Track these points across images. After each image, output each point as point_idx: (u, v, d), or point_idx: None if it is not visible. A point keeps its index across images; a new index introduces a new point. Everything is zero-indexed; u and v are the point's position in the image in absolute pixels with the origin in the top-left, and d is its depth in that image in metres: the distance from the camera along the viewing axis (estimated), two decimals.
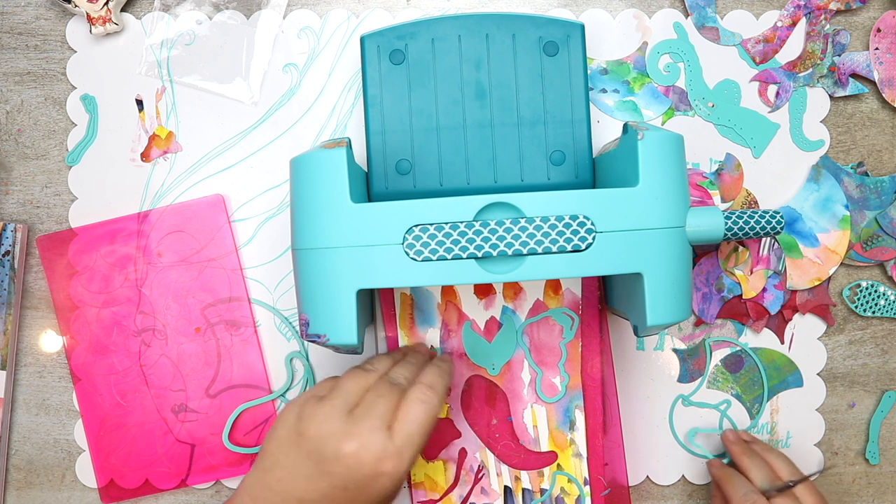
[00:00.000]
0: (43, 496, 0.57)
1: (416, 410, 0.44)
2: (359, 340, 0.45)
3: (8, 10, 0.57)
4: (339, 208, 0.44)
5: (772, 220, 0.49)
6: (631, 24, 0.56)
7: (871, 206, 0.57)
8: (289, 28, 0.56)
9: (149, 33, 0.56)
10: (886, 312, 0.57)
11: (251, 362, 0.56)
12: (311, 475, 0.43)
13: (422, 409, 0.44)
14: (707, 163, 0.56)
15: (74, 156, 0.57)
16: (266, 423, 0.56)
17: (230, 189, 0.56)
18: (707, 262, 0.56)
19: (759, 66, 0.56)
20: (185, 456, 0.56)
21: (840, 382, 0.58)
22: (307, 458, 0.43)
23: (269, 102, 0.56)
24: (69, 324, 0.56)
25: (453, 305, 0.54)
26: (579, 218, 0.43)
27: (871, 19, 0.57)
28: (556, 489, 0.54)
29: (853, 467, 0.58)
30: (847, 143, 0.57)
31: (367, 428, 0.43)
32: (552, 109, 0.52)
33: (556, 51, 0.52)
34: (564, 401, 0.54)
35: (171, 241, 0.56)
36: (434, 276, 0.43)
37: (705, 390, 0.57)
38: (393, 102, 0.52)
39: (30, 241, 0.57)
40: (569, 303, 0.54)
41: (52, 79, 0.57)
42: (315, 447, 0.43)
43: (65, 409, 0.57)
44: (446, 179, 0.52)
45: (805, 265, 0.56)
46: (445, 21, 0.52)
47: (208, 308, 0.56)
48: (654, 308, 0.44)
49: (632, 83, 0.56)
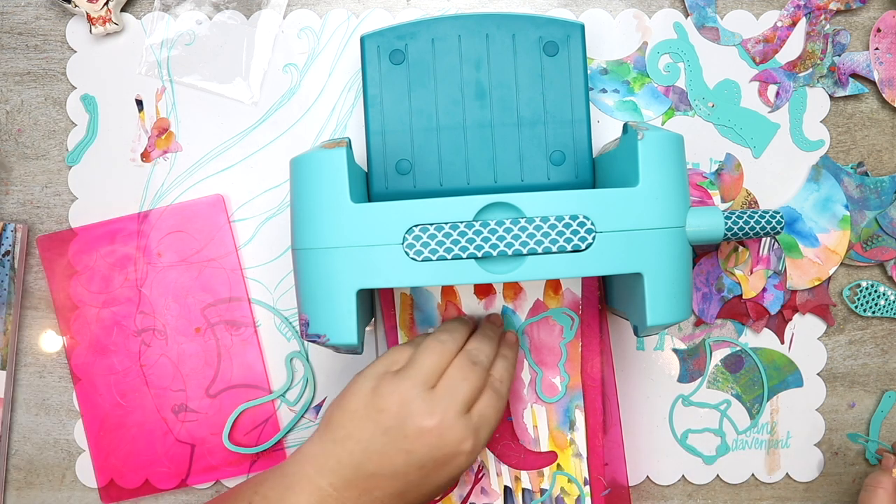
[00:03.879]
0: (43, 496, 0.57)
1: (493, 398, 0.45)
2: (359, 340, 0.45)
3: (8, 10, 0.57)
4: (338, 208, 0.44)
5: (772, 220, 0.49)
6: (631, 24, 0.56)
7: (871, 206, 0.57)
8: (289, 28, 0.56)
9: (149, 33, 0.56)
10: (886, 312, 0.57)
11: (251, 362, 0.56)
12: (386, 451, 0.43)
13: (497, 397, 0.46)
14: (707, 163, 0.56)
15: (74, 156, 0.57)
16: (266, 423, 0.56)
17: (230, 189, 0.57)
18: (707, 262, 0.56)
19: (759, 66, 0.56)
20: (185, 456, 0.56)
21: (840, 382, 0.58)
22: (384, 434, 0.43)
23: (269, 102, 0.56)
24: (69, 324, 0.56)
25: (453, 305, 0.54)
26: (579, 218, 0.43)
27: (871, 19, 0.57)
28: (556, 489, 0.54)
29: (853, 467, 0.58)
30: (847, 143, 0.57)
31: (450, 408, 0.43)
32: (552, 109, 0.52)
33: (556, 51, 0.52)
34: (564, 401, 0.54)
35: (171, 241, 0.56)
36: (434, 276, 0.43)
37: (705, 390, 0.57)
38: (393, 102, 0.52)
39: (30, 241, 0.57)
40: (569, 303, 0.54)
41: (52, 79, 0.57)
42: (395, 423, 0.43)
43: (65, 409, 0.57)
44: (446, 179, 0.52)
45: (805, 265, 0.56)
46: (445, 21, 0.52)
47: (208, 308, 0.56)
48: (654, 308, 0.44)
49: (632, 83, 0.56)
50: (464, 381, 0.44)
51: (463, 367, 0.45)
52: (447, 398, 0.43)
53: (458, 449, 0.43)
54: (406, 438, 0.43)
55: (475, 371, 0.45)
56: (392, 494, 0.44)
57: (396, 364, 0.46)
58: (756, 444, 0.57)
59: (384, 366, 0.46)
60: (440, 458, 0.43)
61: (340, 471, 0.44)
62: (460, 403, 0.43)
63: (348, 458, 0.44)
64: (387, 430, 0.43)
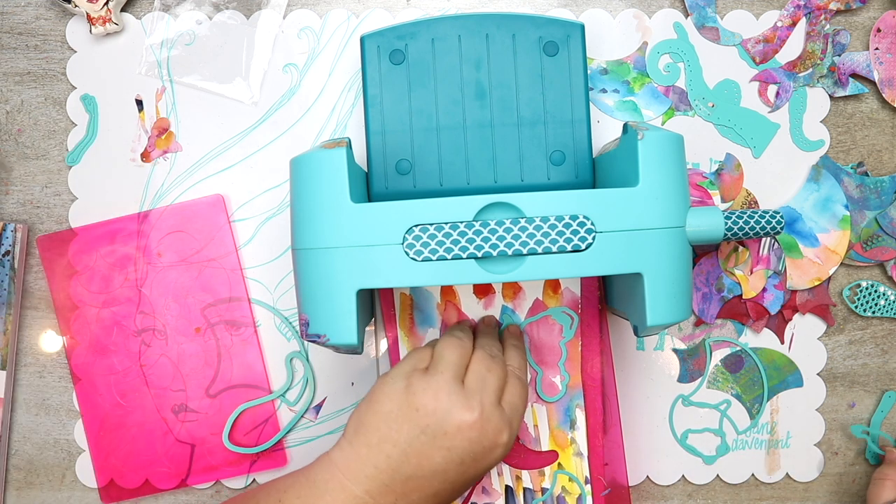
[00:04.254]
0: (43, 496, 0.57)
1: (518, 385, 0.46)
2: (359, 340, 0.45)
3: (8, 10, 0.57)
4: (338, 208, 0.44)
5: (772, 220, 0.49)
6: (631, 24, 0.56)
7: (871, 206, 0.57)
8: (289, 28, 0.56)
9: (149, 33, 0.56)
10: (886, 312, 0.57)
11: (251, 362, 0.56)
12: (425, 451, 0.42)
13: (521, 385, 0.46)
14: (707, 163, 0.56)
15: (74, 156, 0.57)
16: (266, 423, 0.56)
17: (230, 189, 0.57)
18: (707, 262, 0.56)
19: (759, 66, 0.56)
20: (185, 456, 0.56)
21: (840, 382, 0.58)
22: (422, 433, 0.42)
23: (269, 102, 0.56)
24: (69, 324, 0.56)
25: (453, 305, 0.54)
26: (579, 218, 0.43)
27: (871, 19, 0.57)
28: (558, 488, 0.54)
29: (853, 467, 0.58)
30: (847, 143, 0.57)
31: (486, 399, 0.43)
32: (552, 109, 0.52)
33: (556, 51, 0.52)
34: (565, 400, 0.54)
35: (171, 241, 0.56)
36: (434, 276, 0.43)
37: (705, 390, 0.57)
38: (393, 102, 0.52)
39: (30, 241, 0.57)
40: (568, 302, 0.54)
41: (52, 79, 0.57)
42: (433, 421, 0.42)
43: (65, 409, 0.57)
44: (446, 179, 0.52)
45: (805, 265, 0.56)
46: (445, 21, 0.52)
47: (208, 308, 0.56)
48: (654, 308, 0.44)
49: (632, 83, 0.56)
50: (489, 373, 0.45)
51: (484, 360, 0.46)
52: (481, 391, 0.44)
53: (497, 441, 0.43)
54: (446, 435, 0.42)
55: (496, 363, 0.46)
56: (429, 495, 0.43)
57: (422, 362, 0.46)
58: (756, 444, 0.57)
59: (410, 365, 0.46)
60: (479, 451, 0.43)
61: (378, 476, 0.42)
62: (493, 394, 0.44)
63: (385, 462, 0.43)
64: (425, 429, 0.42)
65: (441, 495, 0.44)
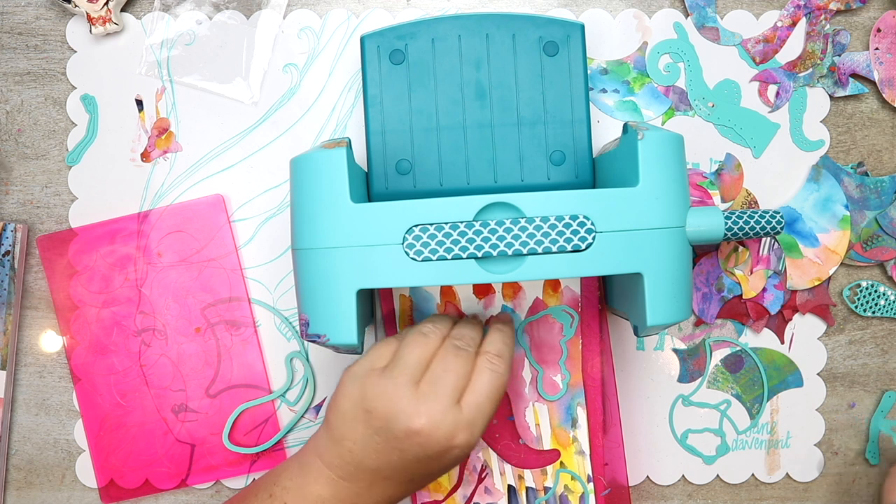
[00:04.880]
0: (43, 496, 0.57)
1: (485, 380, 0.44)
2: (359, 340, 0.45)
3: (8, 10, 0.57)
4: (339, 208, 0.44)
5: (772, 220, 0.49)
6: (631, 24, 0.56)
7: (871, 206, 0.57)
8: (289, 28, 0.56)
9: (149, 33, 0.56)
10: (886, 312, 0.57)
11: (251, 362, 0.56)
12: (381, 449, 0.43)
13: (492, 377, 0.44)
14: (707, 163, 0.56)
15: (74, 156, 0.57)
16: (266, 423, 0.56)
17: (230, 189, 0.57)
18: (707, 262, 0.56)
19: (759, 66, 0.56)
20: (185, 456, 0.56)
21: (840, 382, 0.58)
22: (376, 434, 0.43)
23: (269, 102, 0.56)
24: (69, 324, 0.56)
25: (452, 306, 0.54)
26: (579, 218, 0.43)
27: (871, 19, 0.57)
28: (560, 487, 0.54)
29: (853, 467, 0.58)
30: (847, 143, 0.57)
31: (437, 404, 0.42)
32: (552, 109, 0.52)
33: (556, 51, 0.52)
34: (566, 398, 0.54)
35: (171, 241, 0.56)
36: (434, 276, 0.43)
37: (705, 390, 0.57)
38: (393, 102, 0.52)
39: (30, 241, 0.57)
40: (568, 300, 0.54)
41: (52, 79, 0.57)
42: (384, 425, 0.43)
43: (65, 409, 0.57)
44: (446, 179, 0.52)
45: (805, 265, 0.56)
46: (445, 21, 0.52)
47: (208, 308, 0.56)
48: (654, 308, 0.44)
49: (632, 83, 0.56)
50: (446, 373, 0.44)
51: (446, 358, 0.44)
52: (433, 394, 0.43)
53: (450, 444, 0.43)
54: (397, 438, 0.43)
55: (460, 357, 0.44)
56: (400, 482, 0.45)
57: (381, 360, 0.45)
58: (756, 444, 0.57)
59: (369, 362, 0.45)
60: (432, 454, 0.43)
61: (344, 466, 0.45)
62: (447, 398, 0.43)
63: (349, 455, 0.44)
64: (377, 431, 0.43)
65: (416, 481, 0.45)
